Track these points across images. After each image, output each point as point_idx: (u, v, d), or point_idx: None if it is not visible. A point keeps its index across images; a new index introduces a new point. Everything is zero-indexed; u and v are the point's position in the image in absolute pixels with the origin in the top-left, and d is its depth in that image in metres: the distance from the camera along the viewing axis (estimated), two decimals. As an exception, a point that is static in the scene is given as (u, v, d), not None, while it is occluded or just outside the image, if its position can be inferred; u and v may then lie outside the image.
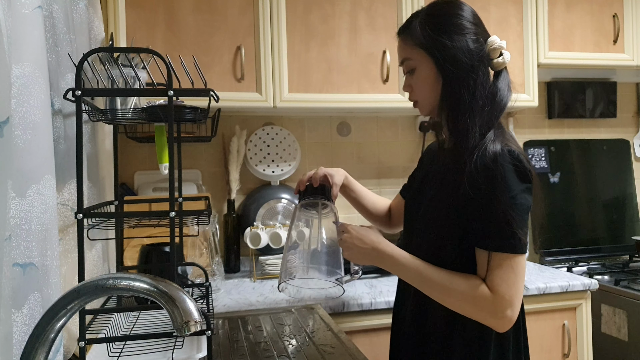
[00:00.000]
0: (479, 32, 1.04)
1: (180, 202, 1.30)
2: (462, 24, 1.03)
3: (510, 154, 0.95)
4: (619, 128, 2.52)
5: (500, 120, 1.05)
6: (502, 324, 0.95)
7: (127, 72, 1.07)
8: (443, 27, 1.03)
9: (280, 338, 1.23)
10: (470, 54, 1.01)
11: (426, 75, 1.05)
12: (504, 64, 1.05)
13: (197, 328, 0.60)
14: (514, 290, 0.94)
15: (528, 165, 0.97)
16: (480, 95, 1.01)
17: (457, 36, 1.02)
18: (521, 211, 0.95)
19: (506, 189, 0.94)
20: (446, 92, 1.03)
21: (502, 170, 0.94)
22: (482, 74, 1.02)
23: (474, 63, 1.01)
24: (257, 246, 1.84)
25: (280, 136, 2.04)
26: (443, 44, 1.02)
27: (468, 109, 1.01)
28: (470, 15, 1.05)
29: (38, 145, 0.83)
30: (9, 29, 0.74)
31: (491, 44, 1.03)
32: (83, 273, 0.93)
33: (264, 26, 1.76)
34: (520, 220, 0.94)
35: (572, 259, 2.24)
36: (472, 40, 1.02)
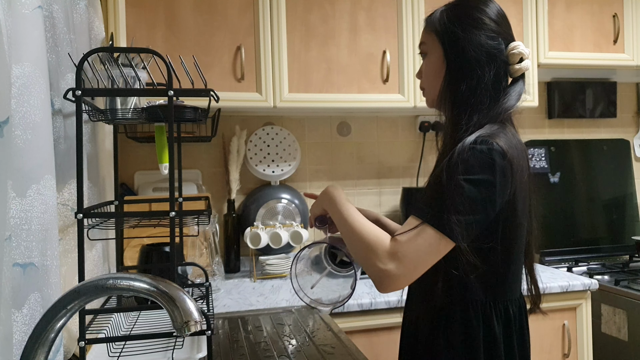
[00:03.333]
0: (499, 31, 1.01)
1: (180, 202, 1.30)
2: (480, 19, 1.00)
3: (483, 142, 0.90)
4: (619, 128, 2.52)
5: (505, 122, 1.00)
6: (381, 275, 0.88)
7: (127, 72, 1.07)
8: (460, 17, 1.01)
9: (280, 338, 1.23)
10: (480, 49, 0.99)
11: (434, 61, 1.04)
12: (521, 71, 1.02)
13: (197, 328, 0.60)
14: (413, 256, 0.87)
15: (502, 162, 0.90)
16: (483, 93, 0.98)
17: (471, 29, 0.99)
18: (463, 196, 0.88)
19: (459, 171, 0.89)
20: (447, 81, 1.02)
21: (466, 154, 0.90)
22: (490, 73, 0.99)
23: (481, 59, 0.98)
24: (257, 246, 1.84)
25: (280, 136, 2.04)
26: (454, 33, 1.00)
27: (467, 103, 0.99)
28: (494, 13, 1.02)
29: (38, 145, 0.83)
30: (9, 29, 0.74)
31: (512, 48, 1.01)
32: (83, 273, 0.92)
33: (264, 26, 1.76)
34: (457, 202, 0.88)
35: (572, 259, 2.24)
36: (488, 37, 0.99)
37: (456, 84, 1.00)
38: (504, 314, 1.01)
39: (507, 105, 1.00)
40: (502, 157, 0.90)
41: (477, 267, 0.92)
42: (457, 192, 0.88)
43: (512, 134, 0.97)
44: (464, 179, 0.89)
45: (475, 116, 0.97)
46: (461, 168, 0.89)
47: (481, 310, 0.99)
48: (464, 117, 0.98)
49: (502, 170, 0.90)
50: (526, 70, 1.03)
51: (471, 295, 0.98)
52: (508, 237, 0.97)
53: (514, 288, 1.03)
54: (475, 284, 0.97)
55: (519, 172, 0.93)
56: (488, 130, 0.94)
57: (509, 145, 0.92)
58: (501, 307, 1.00)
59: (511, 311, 1.01)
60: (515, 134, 1.00)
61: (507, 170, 0.91)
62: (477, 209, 0.89)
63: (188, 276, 1.37)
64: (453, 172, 0.89)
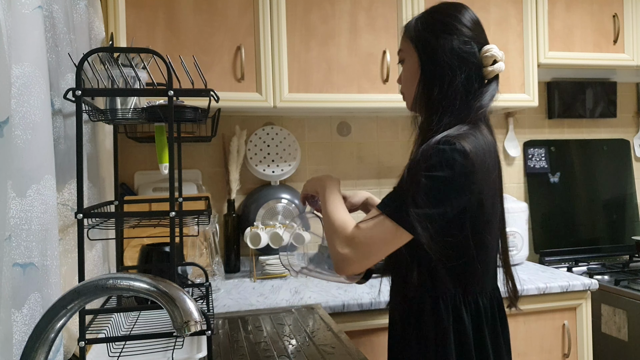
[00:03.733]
0: (472, 36, 1.06)
1: (180, 202, 1.30)
2: (453, 25, 1.05)
3: (446, 142, 0.95)
4: (619, 128, 2.52)
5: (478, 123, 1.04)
6: (338, 258, 0.98)
7: (127, 72, 1.07)
8: (434, 24, 1.07)
9: (280, 338, 1.24)
10: (452, 53, 1.03)
11: (410, 66, 1.10)
12: (494, 72, 1.06)
13: (197, 328, 0.60)
14: (369, 243, 0.95)
15: (464, 162, 0.94)
16: (454, 95, 1.03)
17: (444, 34, 1.05)
18: (422, 191, 0.93)
19: (420, 168, 0.95)
20: (421, 85, 1.07)
21: (428, 153, 0.95)
22: (462, 76, 1.03)
23: (453, 63, 1.03)
24: (257, 246, 1.84)
25: (280, 136, 2.04)
26: (428, 40, 1.06)
27: (438, 105, 1.04)
28: (468, 19, 1.07)
29: (38, 145, 0.83)
30: (9, 29, 0.74)
31: (485, 51, 1.06)
32: (83, 273, 0.92)
33: (264, 26, 1.76)
34: (415, 196, 0.93)
35: (572, 259, 2.24)
36: (461, 42, 1.04)
37: (430, 88, 1.05)
38: (474, 306, 1.04)
39: (478, 105, 1.04)
40: (463, 157, 0.94)
41: (444, 259, 0.98)
42: (417, 187, 0.94)
43: (482, 135, 1.01)
44: (424, 175, 0.94)
45: (445, 117, 1.02)
46: (422, 165, 0.95)
47: (450, 302, 1.03)
48: (435, 119, 1.03)
49: (462, 169, 0.94)
50: (500, 71, 1.07)
51: (441, 287, 1.03)
52: (476, 233, 1.01)
53: (485, 282, 1.07)
54: (445, 276, 1.02)
55: (484, 172, 0.97)
56: (455, 131, 0.98)
57: (474, 146, 0.96)
58: (471, 300, 1.04)
59: (481, 304, 1.05)
60: (487, 135, 1.03)
61: (469, 170, 0.94)
62: (434, 204, 0.94)
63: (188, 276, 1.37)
64: (415, 169, 0.96)
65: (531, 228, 2.28)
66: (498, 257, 1.12)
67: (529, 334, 1.71)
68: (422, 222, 0.93)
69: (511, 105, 2.04)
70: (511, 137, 2.35)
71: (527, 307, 1.69)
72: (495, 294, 1.10)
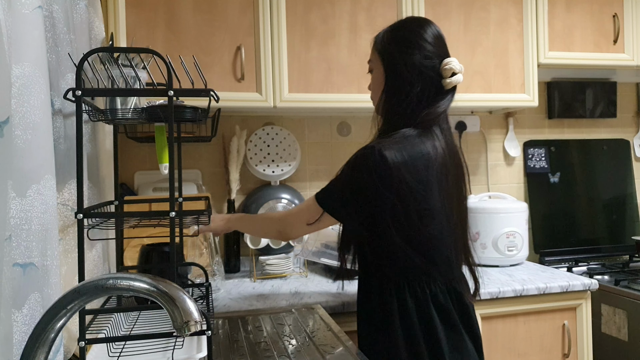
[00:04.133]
0: (434, 51, 1.18)
1: (180, 202, 1.30)
2: (415, 41, 1.18)
3: (371, 148, 1.13)
4: (619, 128, 2.52)
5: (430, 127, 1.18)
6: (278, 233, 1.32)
7: (127, 72, 1.07)
8: (398, 39, 1.20)
9: (280, 338, 1.24)
10: (413, 67, 1.17)
11: (377, 77, 1.24)
12: (452, 84, 1.18)
13: (197, 328, 0.60)
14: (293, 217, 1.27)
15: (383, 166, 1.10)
16: (407, 104, 1.17)
17: (406, 49, 1.17)
18: (339, 181, 1.18)
19: (348, 165, 1.18)
20: (384, 94, 1.22)
21: (357, 155, 1.16)
22: (418, 88, 1.16)
23: (413, 76, 1.16)
24: (257, 246, 1.84)
25: (280, 136, 2.04)
26: (391, 54, 1.20)
27: (393, 112, 1.20)
28: (430, 35, 1.19)
29: (38, 145, 0.83)
30: (9, 29, 0.74)
31: (445, 64, 1.18)
32: (83, 273, 0.92)
33: (264, 26, 1.76)
34: (336, 185, 1.19)
35: (572, 259, 2.24)
36: (422, 56, 1.17)
37: (390, 97, 1.20)
38: (420, 294, 1.16)
39: (425, 112, 1.17)
40: (381, 161, 1.10)
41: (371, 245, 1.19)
42: (337, 177, 1.19)
43: (418, 141, 1.14)
44: (344, 170, 1.18)
45: (396, 122, 1.18)
46: (350, 163, 1.17)
47: (394, 288, 1.17)
48: (388, 123, 1.21)
49: (375, 171, 1.11)
50: (457, 83, 1.19)
51: (385, 274, 1.19)
52: (406, 228, 1.14)
53: (432, 273, 1.18)
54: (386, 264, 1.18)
55: (402, 175, 1.11)
56: (391, 138, 1.15)
57: (398, 153, 1.11)
58: (417, 288, 1.16)
59: (428, 292, 1.16)
60: (427, 141, 1.15)
61: (384, 172, 1.11)
62: (346, 192, 1.16)
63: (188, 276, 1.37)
64: (345, 165, 1.19)
65: (531, 228, 2.28)
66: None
67: (529, 334, 1.71)
68: (333, 202, 1.18)
69: (511, 105, 2.04)
70: (511, 137, 2.35)
71: (527, 307, 1.70)
72: (452, 285, 1.20)
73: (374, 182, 1.11)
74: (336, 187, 1.18)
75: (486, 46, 1.97)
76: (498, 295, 1.65)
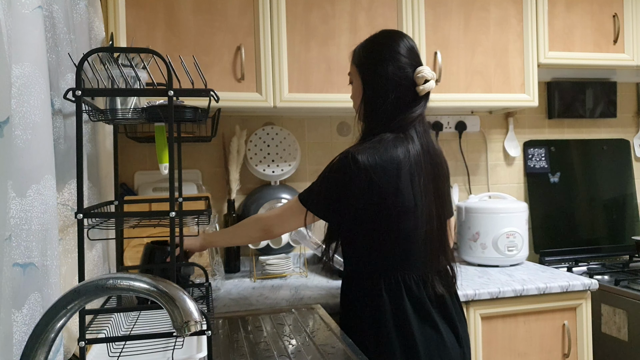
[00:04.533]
0: (407, 62, 1.27)
1: (180, 202, 1.30)
2: (390, 54, 1.27)
3: (347, 153, 1.23)
4: (619, 128, 2.52)
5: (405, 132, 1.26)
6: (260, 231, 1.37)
7: (127, 72, 1.07)
8: (372, 53, 1.30)
9: (280, 338, 1.24)
10: (387, 79, 1.27)
11: (356, 87, 1.35)
12: (425, 90, 1.27)
13: (197, 328, 0.60)
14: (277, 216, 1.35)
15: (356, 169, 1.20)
16: (382, 112, 1.27)
17: (381, 62, 1.27)
18: (322, 184, 1.27)
19: (326, 169, 1.28)
20: (362, 103, 1.32)
21: (335, 160, 1.26)
22: (392, 97, 1.26)
23: (387, 86, 1.26)
24: (257, 246, 1.84)
25: (280, 136, 2.04)
26: (367, 67, 1.30)
27: (370, 119, 1.30)
28: (403, 48, 1.28)
29: (38, 145, 0.83)
30: (9, 29, 0.74)
31: (417, 73, 1.27)
32: (83, 273, 0.93)
33: (264, 26, 1.76)
34: (318, 186, 1.28)
35: (572, 259, 2.24)
36: (396, 67, 1.26)
37: (368, 106, 1.31)
38: (394, 285, 1.25)
39: (401, 117, 1.26)
40: (355, 165, 1.20)
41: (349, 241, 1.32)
42: (318, 179, 1.29)
43: (391, 145, 1.23)
44: (324, 173, 1.28)
45: (375, 128, 1.28)
46: (329, 167, 1.27)
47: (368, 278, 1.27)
48: (367, 130, 1.31)
49: (348, 173, 1.21)
50: (430, 89, 1.28)
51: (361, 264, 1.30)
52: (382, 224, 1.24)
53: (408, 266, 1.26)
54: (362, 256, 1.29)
55: (379, 176, 1.21)
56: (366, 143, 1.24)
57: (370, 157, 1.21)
58: (392, 279, 1.25)
59: (402, 284, 1.25)
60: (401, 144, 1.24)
61: (360, 176, 1.20)
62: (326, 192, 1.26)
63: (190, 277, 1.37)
64: (323, 170, 1.28)
65: (531, 228, 2.28)
66: None
67: (529, 334, 1.71)
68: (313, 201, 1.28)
69: (511, 105, 2.04)
70: (511, 137, 2.35)
71: (527, 307, 1.70)
72: (427, 276, 1.27)
73: (348, 183, 1.22)
74: (317, 188, 1.28)
75: (486, 46, 1.97)
76: (498, 295, 1.65)
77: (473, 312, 1.65)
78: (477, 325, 1.65)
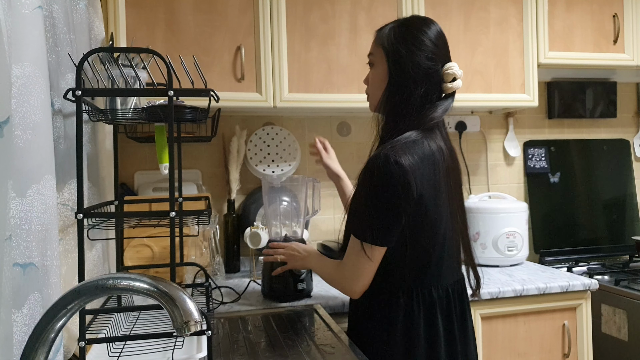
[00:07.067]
0: (437, 53, 1.16)
1: (181, 202, 1.30)
2: (422, 40, 1.15)
3: (385, 157, 1.07)
4: (619, 128, 2.52)
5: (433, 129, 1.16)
6: (346, 294, 1.19)
7: (127, 72, 1.07)
8: (405, 36, 1.16)
9: (280, 338, 1.23)
10: (417, 67, 1.14)
11: (379, 72, 1.20)
12: (452, 89, 1.17)
13: (197, 328, 0.60)
14: (351, 270, 1.14)
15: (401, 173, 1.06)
16: (411, 105, 1.14)
17: (413, 48, 1.14)
18: (374, 207, 1.09)
19: (368, 185, 1.10)
20: (387, 92, 1.18)
21: (372, 169, 1.09)
22: (422, 89, 1.14)
23: (417, 77, 1.14)
24: (257, 246, 1.84)
25: (280, 136, 2.04)
26: (398, 51, 1.16)
27: (397, 112, 1.16)
28: (434, 35, 1.16)
29: (38, 145, 0.83)
30: (9, 29, 0.74)
31: (447, 69, 1.16)
32: (83, 273, 0.93)
33: (264, 26, 1.76)
34: (371, 213, 1.09)
35: (572, 259, 2.24)
36: (427, 57, 1.14)
37: (394, 95, 1.16)
38: (427, 298, 1.15)
39: (431, 116, 1.15)
40: (400, 170, 1.06)
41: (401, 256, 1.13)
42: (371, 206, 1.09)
43: (427, 143, 1.12)
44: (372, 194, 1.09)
45: (401, 123, 1.14)
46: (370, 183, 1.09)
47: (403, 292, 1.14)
48: (392, 124, 1.16)
49: (396, 181, 1.06)
50: (457, 89, 1.17)
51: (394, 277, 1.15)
52: (422, 234, 1.12)
53: (439, 275, 1.17)
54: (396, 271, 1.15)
55: (420, 179, 1.08)
56: (400, 142, 1.10)
57: (410, 157, 1.08)
58: (425, 292, 1.15)
59: (435, 296, 1.15)
60: (432, 143, 1.13)
61: (406, 180, 1.06)
62: (383, 215, 1.09)
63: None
64: (366, 189, 1.11)
65: (531, 228, 2.28)
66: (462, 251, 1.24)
67: (529, 334, 1.71)
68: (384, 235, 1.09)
69: (511, 105, 2.04)
70: (511, 137, 2.35)
71: (527, 307, 1.69)
72: (455, 286, 1.20)
73: (399, 192, 1.07)
74: (372, 215, 1.09)
75: (486, 46, 1.96)
76: (498, 295, 1.65)
77: (473, 312, 1.64)
78: (477, 325, 1.65)
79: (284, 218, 2.00)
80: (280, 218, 1.69)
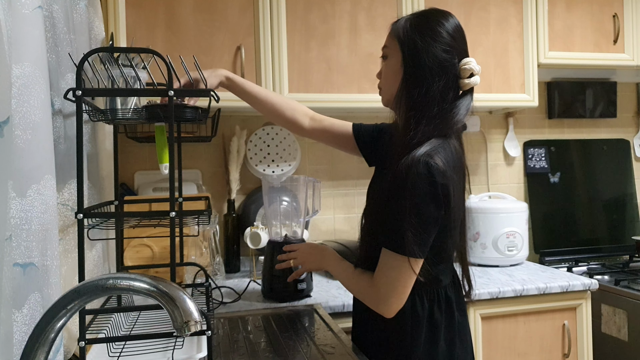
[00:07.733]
0: (454, 46, 1.10)
1: (181, 202, 1.30)
2: (439, 32, 1.09)
3: (426, 164, 1.00)
4: (619, 128, 2.52)
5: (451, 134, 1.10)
6: (381, 313, 1.08)
7: (128, 72, 1.07)
8: (421, 28, 1.10)
9: (280, 338, 1.23)
10: (434, 60, 1.08)
11: (393, 64, 1.13)
12: (470, 85, 1.10)
13: (197, 328, 0.60)
14: (391, 288, 1.05)
15: (443, 180, 1.01)
16: (431, 100, 1.07)
17: (430, 40, 1.08)
18: (420, 219, 1.01)
19: (410, 196, 1.01)
20: (403, 85, 1.11)
21: (412, 178, 1.00)
22: (440, 83, 1.07)
23: (434, 69, 1.07)
24: (257, 246, 1.84)
25: (280, 136, 2.04)
26: (414, 42, 1.09)
27: (416, 108, 1.08)
28: (451, 28, 1.11)
29: (38, 145, 0.83)
30: (9, 29, 0.74)
31: (464, 64, 1.10)
32: (83, 273, 0.93)
33: (264, 26, 1.76)
34: (416, 227, 1.01)
35: (572, 259, 2.24)
36: (443, 50, 1.08)
37: (410, 89, 1.09)
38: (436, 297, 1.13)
39: (455, 119, 1.09)
40: (442, 177, 1.01)
41: None
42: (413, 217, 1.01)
43: (452, 149, 1.07)
44: (414, 204, 1.01)
45: (423, 121, 1.07)
46: (410, 192, 1.01)
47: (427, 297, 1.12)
48: (413, 121, 1.07)
49: (441, 190, 1.01)
50: (475, 85, 1.11)
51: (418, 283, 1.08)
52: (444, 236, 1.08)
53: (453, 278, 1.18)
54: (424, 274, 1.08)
55: (454, 187, 1.04)
56: (430, 147, 1.04)
57: (446, 163, 1.03)
58: (442, 292, 1.14)
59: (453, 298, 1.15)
60: (454, 150, 1.08)
61: (446, 189, 1.02)
62: (429, 226, 1.03)
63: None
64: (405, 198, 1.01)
65: (531, 228, 2.28)
66: None
67: (529, 334, 1.71)
68: (422, 246, 1.03)
69: (511, 105, 2.04)
70: (511, 137, 2.35)
71: (527, 307, 1.70)
72: (453, 284, 1.19)
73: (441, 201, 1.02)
74: (416, 228, 1.02)
75: (486, 46, 1.96)
76: (498, 295, 1.65)
77: (473, 312, 1.65)
78: (477, 325, 1.65)
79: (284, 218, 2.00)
80: (281, 218, 1.69)
